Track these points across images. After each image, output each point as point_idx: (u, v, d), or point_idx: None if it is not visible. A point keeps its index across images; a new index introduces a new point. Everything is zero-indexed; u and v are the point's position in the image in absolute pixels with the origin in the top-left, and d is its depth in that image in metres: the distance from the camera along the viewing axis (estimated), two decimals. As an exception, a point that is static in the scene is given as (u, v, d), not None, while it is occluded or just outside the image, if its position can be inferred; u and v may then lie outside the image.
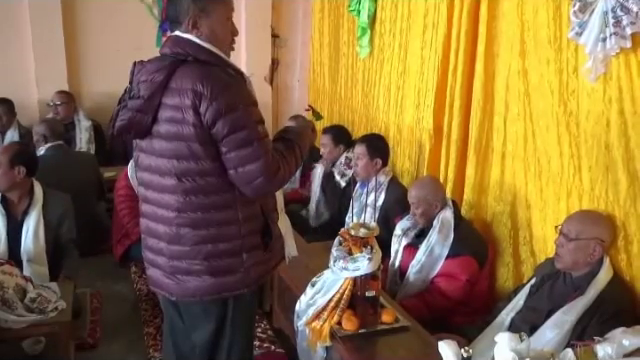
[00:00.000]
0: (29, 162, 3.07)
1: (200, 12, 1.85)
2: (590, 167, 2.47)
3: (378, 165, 3.48)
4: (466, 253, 2.79)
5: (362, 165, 3.49)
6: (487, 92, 3.09)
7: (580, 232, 2.31)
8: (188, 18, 1.84)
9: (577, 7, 2.38)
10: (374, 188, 3.40)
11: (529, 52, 2.78)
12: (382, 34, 4.23)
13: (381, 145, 3.56)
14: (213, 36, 1.87)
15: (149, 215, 1.94)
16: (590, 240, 2.30)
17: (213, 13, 1.87)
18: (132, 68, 1.89)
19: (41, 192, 3.14)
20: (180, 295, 1.92)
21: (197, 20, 1.85)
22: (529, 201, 2.87)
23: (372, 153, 3.47)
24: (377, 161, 3.48)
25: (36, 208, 3.08)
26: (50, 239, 3.09)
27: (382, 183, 3.45)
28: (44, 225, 3.07)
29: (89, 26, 5.39)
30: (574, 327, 2.24)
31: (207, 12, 1.86)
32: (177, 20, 1.86)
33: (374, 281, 2.31)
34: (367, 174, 3.47)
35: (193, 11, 1.84)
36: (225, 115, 1.74)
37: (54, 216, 3.13)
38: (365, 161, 3.48)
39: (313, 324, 2.36)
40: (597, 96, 2.40)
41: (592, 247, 2.31)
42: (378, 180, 3.44)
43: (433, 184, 3.03)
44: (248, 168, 1.77)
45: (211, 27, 1.87)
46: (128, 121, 1.82)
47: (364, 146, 3.49)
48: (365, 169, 3.48)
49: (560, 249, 2.36)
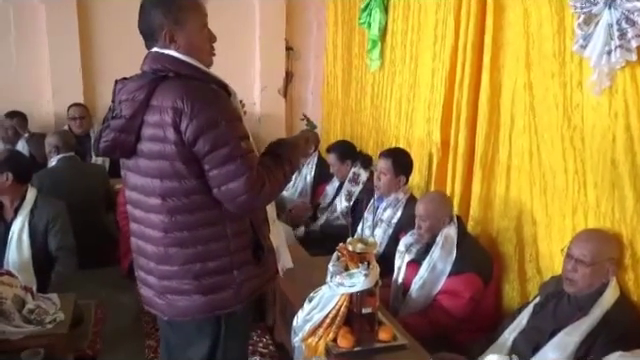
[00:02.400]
0: (17, 168, 3.11)
1: (174, 25, 1.80)
2: (596, 183, 2.40)
3: (401, 182, 3.39)
4: (470, 270, 2.72)
5: (385, 181, 3.40)
6: (493, 105, 3.04)
7: (595, 255, 2.22)
8: (164, 33, 1.79)
9: (581, 19, 2.33)
10: (391, 204, 3.35)
11: (534, 65, 2.74)
12: (393, 47, 4.21)
13: (406, 162, 3.45)
14: (191, 47, 1.82)
15: (138, 234, 1.91)
16: (605, 262, 2.24)
17: (187, 23, 1.82)
18: (114, 86, 1.86)
19: (33, 198, 3.17)
20: (172, 315, 1.90)
21: (173, 33, 1.80)
22: (535, 217, 2.80)
23: (397, 169, 3.37)
24: (401, 178, 3.39)
25: (23, 213, 3.11)
26: (37, 246, 3.11)
27: (400, 200, 3.38)
28: (30, 231, 3.10)
29: (105, 38, 5.46)
30: (578, 348, 2.17)
31: (181, 23, 1.81)
32: (152, 36, 1.82)
33: (371, 297, 2.27)
34: (389, 190, 3.40)
35: (167, 25, 1.80)
36: (206, 132, 1.69)
37: (41, 222, 3.15)
38: (389, 177, 3.38)
39: (309, 340, 2.32)
40: (602, 110, 2.34)
41: (606, 268, 2.24)
42: (397, 197, 3.38)
43: (442, 199, 2.96)
44: (232, 185, 1.72)
45: (188, 38, 1.82)
46: (112, 142, 1.80)
47: (390, 162, 3.38)
48: (388, 185, 3.39)
49: (573, 274, 2.26)
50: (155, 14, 1.80)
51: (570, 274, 2.27)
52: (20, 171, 3.13)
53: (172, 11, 1.80)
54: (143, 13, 1.84)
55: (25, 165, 3.25)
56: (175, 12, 1.80)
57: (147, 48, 1.87)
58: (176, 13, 1.80)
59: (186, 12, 1.82)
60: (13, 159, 3.17)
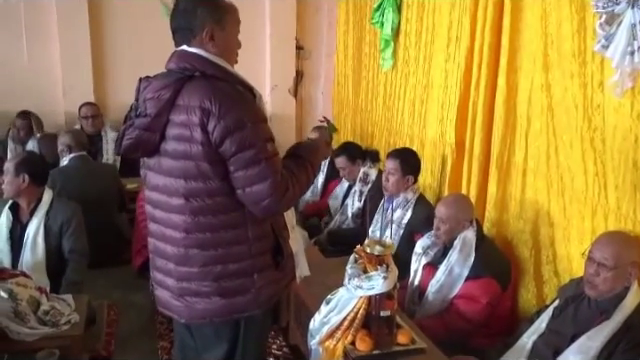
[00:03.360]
0: (34, 170, 3.11)
1: (216, 25, 1.80)
2: (617, 185, 2.37)
3: (410, 182, 3.39)
4: (487, 274, 2.69)
5: (393, 181, 3.39)
6: (509, 106, 3.01)
7: (618, 259, 2.18)
8: (205, 31, 1.79)
9: (603, 19, 2.30)
10: (401, 204, 3.32)
11: (552, 65, 2.71)
12: (407, 47, 4.19)
13: (414, 162, 3.45)
14: (225, 49, 1.84)
15: (157, 235, 1.90)
16: (627, 265, 2.20)
17: (227, 26, 1.84)
18: (138, 85, 1.84)
19: (49, 200, 3.17)
20: (189, 317, 1.88)
21: (214, 33, 1.80)
22: (552, 219, 2.77)
23: (405, 169, 3.37)
24: (409, 178, 3.38)
25: (39, 215, 3.12)
26: (51, 247, 3.11)
27: (409, 200, 3.37)
28: (45, 232, 3.09)
29: (116, 37, 5.47)
30: (600, 353, 2.14)
31: (222, 24, 1.82)
32: (191, 32, 1.80)
33: (390, 300, 2.24)
34: (397, 190, 3.39)
35: (210, 24, 1.79)
36: (233, 133, 1.69)
37: (56, 224, 3.15)
38: (397, 177, 3.38)
39: (326, 343, 2.29)
40: (624, 111, 2.31)
41: (629, 272, 2.20)
42: (406, 197, 3.36)
43: (464, 202, 2.91)
44: (256, 188, 1.72)
45: (225, 40, 1.83)
46: (135, 140, 1.79)
47: (398, 162, 3.38)
48: (396, 185, 3.39)
49: (595, 278, 2.22)
50: (201, 11, 1.80)
51: (592, 278, 2.23)
52: (37, 173, 3.12)
53: (218, 11, 1.82)
54: (185, 9, 1.82)
55: (42, 167, 3.24)
56: (220, 13, 1.82)
57: (177, 45, 1.85)
58: (220, 14, 1.82)
59: (228, 15, 1.85)
60: (30, 161, 3.16)
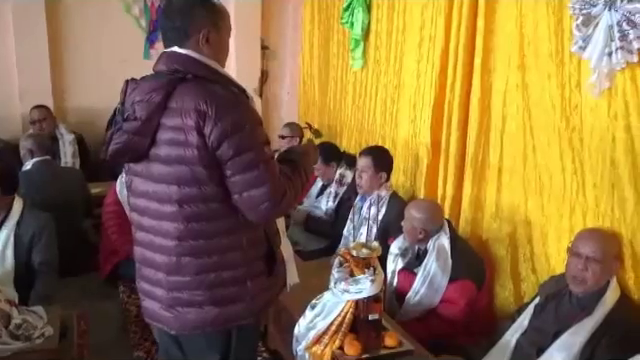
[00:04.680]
0: (2, 180, 2.96)
1: (212, 27, 1.76)
2: (595, 184, 2.42)
3: (382, 179, 3.40)
4: (464, 277, 2.70)
5: (366, 178, 3.40)
6: (484, 107, 3.04)
7: (604, 252, 2.25)
8: (202, 32, 1.74)
9: (580, 21, 2.35)
10: (375, 202, 3.32)
11: (529, 66, 2.75)
12: (377, 46, 4.19)
13: (386, 158, 3.47)
14: (218, 52, 1.80)
15: (145, 244, 1.82)
16: (612, 259, 2.26)
17: (221, 29, 1.80)
18: (124, 87, 1.76)
19: (19, 209, 3.02)
20: (180, 328, 1.80)
21: (209, 35, 1.75)
22: (529, 218, 2.82)
23: (377, 166, 3.38)
24: (382, 175, 3.39)
25: (9, 225, 2.97)
26: (21, 259, 2.97)
27: (383, 197, 3.37)
28: (14, 243, 2.95)
29: (74, 39, 5.29)
30: (583, 348, 2.18)
31: (218, 27, 1.78)
32: (186, 33, 1.74)
33: (377, 303, 2.23)
34: (371, 188, 3.39)
35: (208, 26, 1.75)
36: (231, 136, 1.63)
37: (27, 235, 3.01)
38: (370, 174, 3.38)
39: (313, 349, 2.26)
40: (601, 111, 2.36)
41: (611, 266, 2.27)
42: (379, 194, 3.36)
43: (427, 210, 2.86)
44: (253, 192, 1.67)
45: (219, 43, 1.79)
46: (124, 144, 1.70)
47: (370, 159, 3.39)
48: (369, 183, 3.39)
49: (585, 273, 2.25)
50: (199, 12, 1.75)
51: (581, 273, 2.26)
52: (5, 182, 2.97)
53: (215, 14, 1.79)
54: (181, 9, 1.76)
55: (10, 176, 3.10)
56: (216, 15, 1.79)
57: (166, 45, 1.79)
58: (217, 16, 1.79)
59: (223, 18, 1.81)
60: None
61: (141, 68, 5.27)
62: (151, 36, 5.53)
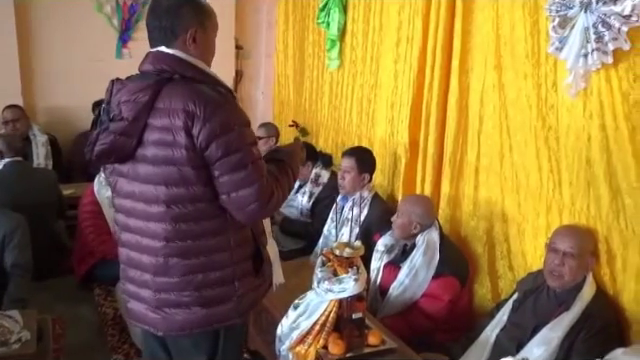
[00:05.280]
0: None
1: (200, 26, 1.75)
2: (571, 182, 2.47)
3: (365, 180, 3.40)
4: (448, 273, 2.74)
5: (349, 179, 3.40)
6: (461, 106, 3.08)
7: (581, 248, 2.30)
8: (190, 32, 1.73)
9: (556, 22, 2.39)
10: (357, 203, 3.33)
11: (506, 67, 2.79)
12: (354, 47, 4.21)
13: (370, 160, 3.47)
14: (205, 52, 1.79)
15: (131, 245, 1.80)
16: (587, 255, 2.32)
17: (208, 29, 1.79)
18: (109, 87, 1.75)
19: None
20: (167, 330, 1.79)
21: (196, 35, 1.75)
22: (506, 216, 2.86)
23: (361, 167, 3.39)
24: (365, 176, 3.40)
25: None
26: None
27: (365, 198, 3.38)
28: None
29: (44, 38, 5.18)
30: (561, 343, 2.22)
31: (205, 27, 1.77)
32: (173, 33, 1.73)
33: (360, 302, 2.25)
34: (353, 189, 3.40)
35: (195, 25, 1.74)
36: (220, 136, 1.63)
37: None
38: (353, 175, 3.38)
39: (297, 348, 2.27)
40: (577, 111, 2.41)
41: (587, 261, 2.32)
42: (361, 195, 3.37)
43: (424, 204, 2.92)
44: (242, 193, 1.67)
45: (207, 43, 1.79)
46: (110, 145, 1.68)
47: (354, 160, 3.39)
48: (352, 184, 3.40)
49: (561, 268, 2.31)
50: (187, 12, 1.74)
51: (558, 268, 2.32)
52: None
53: (202, 13, 1.78)
54: (169, 8, 1.74)
55: None
56: (204, 15, 1.78)
57: (152, 44, 1.77)
58: (204, 16, 1.78)
59: (210, 18, 1.81)
60: None
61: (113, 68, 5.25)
62: (123, 35, 5.46)
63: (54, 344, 3.13)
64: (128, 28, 5.45)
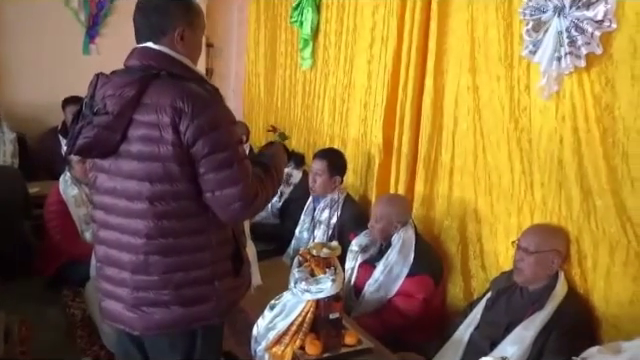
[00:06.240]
0: None
1: (188, 25, 1.75)
2: (542, 183, 2.52)
3: (337, 182, 3.41)
4: (423, 272, 2.77)
5: (320, 182, 3.41)
6: (436, 107, 3.11)
7: (539, 245, 2.35)
8: (177, 30, 1.73)
9: (530, 26, 2.43)
10: (328, 205, 3.33)
11: (479, 69, 2.82)
12: (327, 46, 4.22)
13: (341, 162, 3.48)
14: (193, 50, 1.79)
15: (110, 242, 1.77)
16: (549, 252, 2.35)
17: (196, 27, 1.80)
18: (94, 80, 1.73)
19: None
20: (144, 329, 1.76)
21: (184, 34, 1.74)
22: (479, 216, 2.90)
23: (332, 170, 3.39)
24: (336, 178, 3.41)
25: None
26: None
27: (337, 200, 3.39)
28: None
29: (10, 33, 5.05)
30: (534, 341, 2.26)
31: (193, 26, 1.77)
32: (161, 30, 1.72)
33: (337, 302, 2.25)
34: (324, 191, 3.41)
35: (183, 24, 1.74)
36: (207, 134, 1.62)
37: None
38: (324, 178, 3.39)
39: (274, 349, 2.25)
40: (549, 113, 2.45)
41: (551, 259, 2.35)
42: (333, 197, 3.37)
43: (399, 202, 2.96)
44: (226, 192, 1.65)
45: (194, 42, 1.79)
46: (93, 139, 1.66)
47: (325, 163, 3.40)
48: (323, 186, 3.41)
49: (520, 263, 2.38)
50: (176, 10, 1.74)
51: (518, 263, 2.39)
52: None
53: (191, 12, 1.78)
54: (157, 6, 1.74)
55: None
56: (192, 14, 1.78)
57: (139, 41, 1.76)
58: (192, 15, 1.78)
59: (198, 16, 1.81)
60: None
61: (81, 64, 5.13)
62: (91, 31, 5.36)
63: (21, 346, 3.07)
64: (96, 24, 5.35)
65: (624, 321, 2.19)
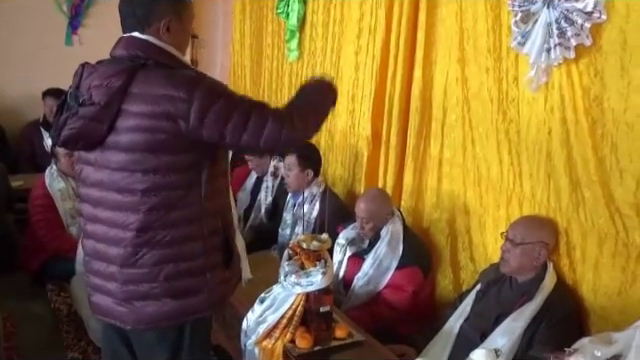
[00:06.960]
0: None
1: (175, 15, 1.73)
2: (531, 174, 2.52)
3: (309, 176, 3.38)
4: (412, 264, 2.77)
5: (293, 176, 3.39)
6: (425, 99, 3.09)
7: (525, 236, 2.35)
8: (164, 21, 1.71)
9: (519, 17, 2.42)
10: (307, 200, 3.31)
11: (468, 60, 2.81)
12: (313, 38, 4.19)
13: (313, 155, 3.45)
14: (180, 41, 1.78)
15: (98, 236, 1.74)
16: (535, 244, 2.35)
17: (184, 18, 1.78)
18: (79, 70, 1.71)
19: None
20: (135, 323, 1.74)
21: (171, 24, 1.72)
22: (468, 208, 2.90)
23: (303, 164, 3.36)
24: (308, 172, 3.38)
25: None
26: None
27: (315, 194, 3.36)
28: None
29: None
30: (524, 332, 2.27)
31: (180, 16, 1.75)
32: (146, 20, 1.70)
33: (327, 295, 2.24)
34: (298, 185, 3.38)
35: (170, 14, 1.72)
36: (212, 106, 1.62)
37: None
38: (296, 172, 3.37)
39: (264, 343, 2.24)
40: (538, 105, 2.45)
41: (537, 251, 2.35)
42: (311, 192, 3.35)
43: (383, 197, 2.95)
44: (267, 132, 1.65)
45: (181, 32, 1.77)
46: (79, 130, 1.63)
47: (294, 157, 3.37)
48: (296, 180, 3.39)
49: (506, 254, 2.39)
50: (161, 1, 1.72)
51: (504, 254, 2.41)
52: None
53: (179, 2, 1.76)
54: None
55: None
56: (180, 4, 1.77)
57: (125, 31, 1.74)
58: (180, 6, 1.76)
59: (185, 7, 1.79)
60: None
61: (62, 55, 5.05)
62: (73, 21, 5.27)
63: (6, 342, 3.03)
64: (78, 14, 5.27)
65: (612, 312, 2.20)
